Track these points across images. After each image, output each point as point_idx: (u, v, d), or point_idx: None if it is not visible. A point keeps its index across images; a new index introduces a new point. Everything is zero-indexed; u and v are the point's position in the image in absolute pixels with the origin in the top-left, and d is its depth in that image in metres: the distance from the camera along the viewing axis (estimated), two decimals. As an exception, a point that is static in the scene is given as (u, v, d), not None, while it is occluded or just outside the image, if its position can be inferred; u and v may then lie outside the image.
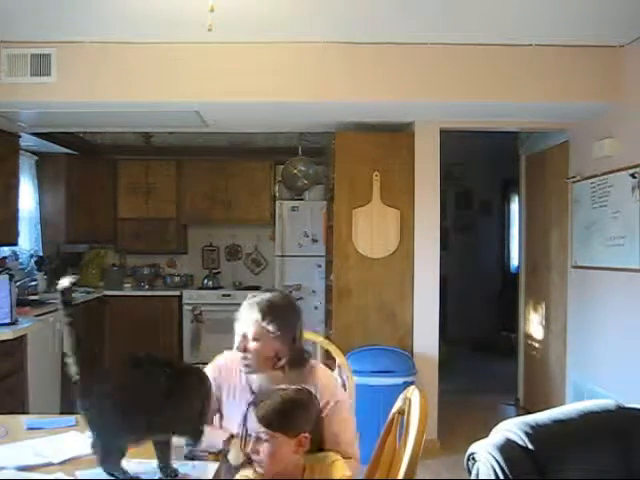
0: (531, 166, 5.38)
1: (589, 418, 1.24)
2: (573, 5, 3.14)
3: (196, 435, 1.73)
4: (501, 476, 1.15)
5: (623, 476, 1.16)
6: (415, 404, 1.89)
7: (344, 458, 1.92)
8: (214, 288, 6.42)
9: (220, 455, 1.93)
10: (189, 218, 6.53)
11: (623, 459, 1.18)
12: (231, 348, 2.24)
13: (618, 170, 3.75)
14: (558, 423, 1.21)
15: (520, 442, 1.16)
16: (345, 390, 2.32)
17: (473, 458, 1.23)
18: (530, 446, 1.16)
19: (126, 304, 6.13)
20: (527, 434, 1.17)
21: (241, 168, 6.40)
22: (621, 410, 1.26)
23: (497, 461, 1.15)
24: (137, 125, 4.97)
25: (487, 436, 1.35)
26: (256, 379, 2.07)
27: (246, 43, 3.70)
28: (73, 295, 1.79)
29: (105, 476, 1.77)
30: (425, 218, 4.45)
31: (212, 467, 1.85)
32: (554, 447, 1.16)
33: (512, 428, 1.21)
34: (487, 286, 7.87)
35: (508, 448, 1.16)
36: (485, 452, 1.17)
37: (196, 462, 1.84)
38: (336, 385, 2.17)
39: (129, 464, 1.85)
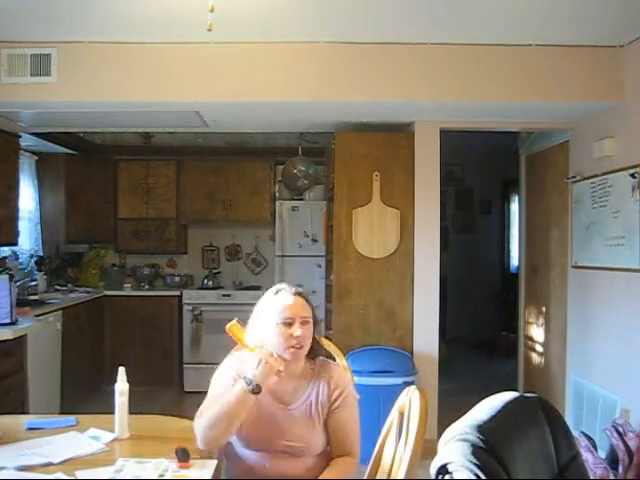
0: (531, 166, 5.38)
1: (511, 408, 1.31)
2: (573, 5, 3.13)
3: None
4: None
5: (546, 455, 1.22)
6: (415, 404, 1.89)
7: (345, 453, 2.02)
8: (214, 288, 6.42)
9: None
10: (189, 218, 6.52)
11: (540, 441, 1.25)
12: (231, 348, 2.25)
13: (618, 170, 3.75)
14: (495, 418, 1.25)
15: (481, 445, 1.18)
16: None
17: (446, 471, 1.23)
18: (485, 446, 1.19)
19: (126, 304, 6.13)
20: (480, 435, 1.20)
21: (241, 168, 6.40)
22: (525, 397, 1.35)
23: (477, 466, 1.17)
24: (137, 125, 4.97)
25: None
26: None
27: (246, 43, 3.70)
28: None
29: (105, 476, 1.77)
30: (425, 218, 4.44)
31: (211, 467, 1.85)
32: (502, 440, 1.21)
33: (466, 432, 1.22)
34: (487, 286, 7.87)
35: (478, 453, 1.18)
36: (464, 461, 1.18)
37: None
38: (348, 379, 2.23)
39: (128, 463, 1.85)
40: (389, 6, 3.19)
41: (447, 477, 1.23)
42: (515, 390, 1.46)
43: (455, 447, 1.21)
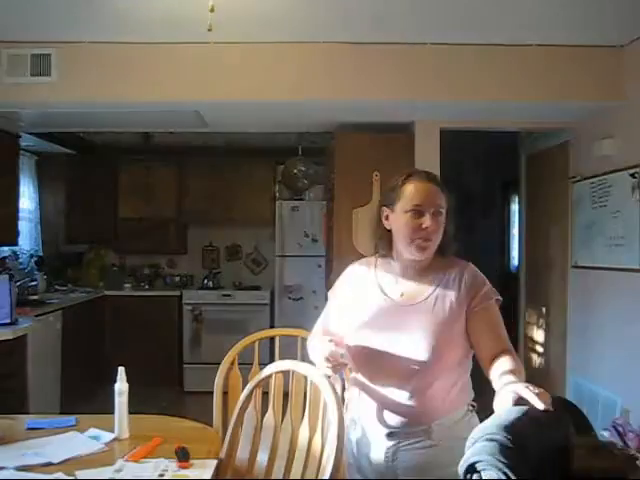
0: (531, 166, 5.38)
1: (537, 408, 1.37)
2: (573, 5, 3.13)
3: None
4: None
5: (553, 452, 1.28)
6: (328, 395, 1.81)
7: (504, 353, 1.70)
8: (214, 288, 6.42)
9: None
10: (189, 218, 6.53)
11: (565, 440, 1.32)
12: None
13: (618, 170, 3.75)
14: (521, 418, 1.33)
15: (509, 444, 1.22)
16: (344, 389, 2.31)
17: (474, 470, 1.25)
18: (513, 445, 1.22)
19: (126, 304, 6.13)
20: (508, 435, 1.24)
21: (241, 168, 6.40)
22: (551, 398, 1.42)
23: (506, 465, 1.20)
24: (137, 125, 4.97)
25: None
26: (397, 267, 1.88)
27: (246, 43, 3.70)
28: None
29: (105, 476, 1.77)
30: (425, 218, 4.44)
31: (211, 467, 1.85)
32: (529, 440, 1.26)
33: (493, 432, 1.26)
34: (487, 286, 7.83)
35: (506, 452, 1.21)
36: (492, 459, 1.21)
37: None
38: (484, 278, 1.86)
39: (128, 464, 1.85)
40: (389, 6, 3.19)
41: (475, 477, 1.25)
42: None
43: (483, 446, 1.25)
